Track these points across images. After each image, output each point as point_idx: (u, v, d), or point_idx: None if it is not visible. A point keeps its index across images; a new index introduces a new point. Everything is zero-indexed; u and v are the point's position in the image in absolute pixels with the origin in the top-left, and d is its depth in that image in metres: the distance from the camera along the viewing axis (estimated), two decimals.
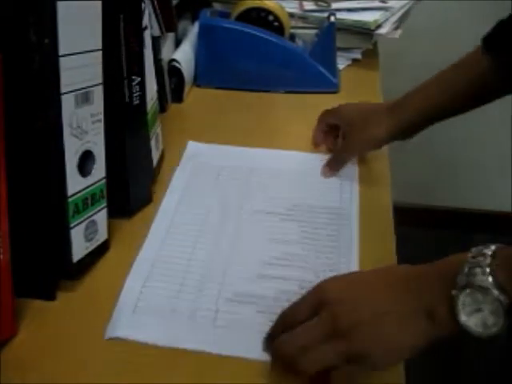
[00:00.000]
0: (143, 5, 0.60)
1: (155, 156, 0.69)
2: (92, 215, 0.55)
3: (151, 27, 0.76)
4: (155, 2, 0.77)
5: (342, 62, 1.01)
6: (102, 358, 0.48)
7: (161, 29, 0.81)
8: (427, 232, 1.69)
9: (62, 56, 0.48)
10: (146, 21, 0.62)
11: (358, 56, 1.02)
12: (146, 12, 0.63)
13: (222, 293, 0.54)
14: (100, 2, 0.50)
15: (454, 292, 0.40)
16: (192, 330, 0.50)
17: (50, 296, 0.53)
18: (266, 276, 0.56)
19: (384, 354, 0.43)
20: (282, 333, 0.45)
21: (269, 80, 0.93)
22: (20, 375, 0.47)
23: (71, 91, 0.49)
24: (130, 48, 0.57)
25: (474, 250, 0.41)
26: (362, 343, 0.42)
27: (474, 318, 0.40)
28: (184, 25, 0.99)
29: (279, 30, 0.96)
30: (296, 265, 0.57)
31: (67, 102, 0.49)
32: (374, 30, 0.97)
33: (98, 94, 0.53)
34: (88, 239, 0.55)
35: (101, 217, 0.57)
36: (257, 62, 0.92)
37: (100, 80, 0.53)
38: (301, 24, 1.03)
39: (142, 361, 0.48)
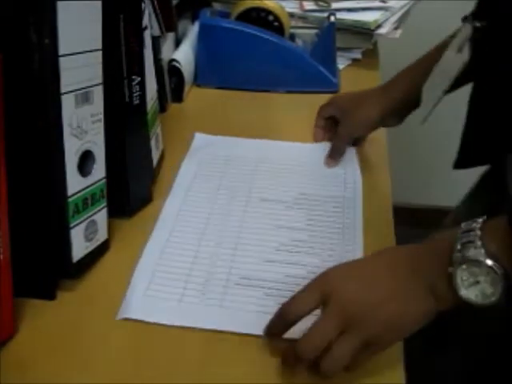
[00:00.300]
0: (143, 5, 0.60)
1: (155, 156, 0.69)
2: (92, 215, 0.55)
3: (151, 27, 0.76)
4: (155, 2, 0.77)
5: (342, 62, 1.01)
6: (101, 357, 0.48)
7: (161, 29, 0.81)
8: (427, 232, 1.69)
9: (62, 56, 0.48)
10: (146, 21, 0.62)
11: (358, 56, 1.02)
12: (146, 12, 0.63)
13: (230, 276, 0.56)
14: (100, 2, 0.51)
15: (450, 269, 0.42)
16: (201, 310, 0.52)
17: (49, 296, 0.53)
18: (273, 261, 0.58)
19: (391, 336, 0.45)
20: (281, 325, 0.47)
21: (269, 80, 0.93)
22: (20, 375, 0.47)
23: (71, 91, 0.49)
24: (130, 48, 0.57)
25: (463, 225, 0.43)
26: (373, 329, 0.44)
27: (474, 290, 0.42)
28: (184, 25, 0.99)
29: (279, 29, 0.96)
30: (303, 251, 0.59)
31: (67, 102, 0.49)
32: (374, 30, 0.97)
33: (98, 94, 0.53)
34: (88, 239, 0.55)
35: (101, 217, 0.57)
36: (257, 62, 0.92)
37: (100, 80, 0.53)
38: (301, 24, 1.03)
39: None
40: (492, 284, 0.41)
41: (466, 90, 0.65)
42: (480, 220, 0.43)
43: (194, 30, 0.95)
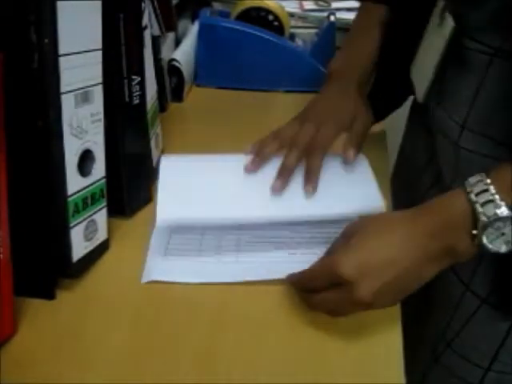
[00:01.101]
0: (143, 4, 0.60)
1: (155, 155, 0.69)
2: (92, 215, 0.55)
3: (151, 27, 0.76)
4: (155, 2, 0.78)
5: None
6: (101, 357, 0.48)
7: (161, 28, 0.81)
8: None
9: (62, 55, 0.48)
10: (145, 20, 0.62)
11: None
12: (146, 12, 0.63)
13: (242, 236, 0.59)
14: (100, 2, 0.51)
15: (475, 232, 0.45)
16: (217, 266, 0.56)
17: (49, 295, 0.53)
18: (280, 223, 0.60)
19: (392, 294, 0.48)
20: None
21: (269, 80, 0.93)
22: (20, 374, 0.47)
23: (71, 91, 0.49)
24: (130, 48, 0.57)
25: (469, 187, 0.46)
26: (384, 305, 0.48)
27: (500, 242, 0.45)
28: (184, 24, 0.99)
29: (279, 29, 0.96)
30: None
31: (67, 102, 0.49)
32: None
33: (98, 94, 0.53)
34: (88, 239, 0.55)
35: (101, 216, 0.57)
36: (257, 62, 0.92)
37: (100, 80, 0.53)
38: (301, 24, 1.03)
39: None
40: None
41: None
42: (485, 176, 0.45)
43: (193, 30, 0.95)
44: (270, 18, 0.96)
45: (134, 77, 0.59)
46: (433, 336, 0.66)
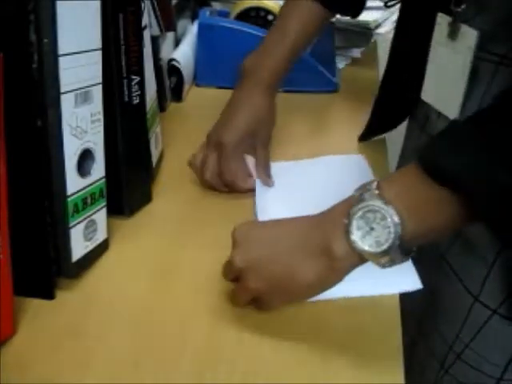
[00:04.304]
0: (143, 4, 0.60)
1: (155, 155, 0.69)
2: (91, 214, 0.55)
3: (151, 27, 0.76)
4: (155, 2, 0.78)
5: (341, 62, 1.01)
6: (101, 357, 0.48)
7: (160, 28, 0.81)
8: None
9: (62, 55, 0.48)
10: (145, 20, 0.62)
11: (358, 55, 1.02)
12: (146, 11, 0.63)
13: None
14: (99, 2, 0.51)
15: (345, 220, 0.43)
16: None
17: (49, 295, 0.53)
18: None
19: (277, 292, 0.47)
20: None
21: None
22: (19, 374, 0.47)
23: (71, 91, 0.49)
24: (130, 47, 0.57)
25: (356, 189, 0.44)
26: (255, 283, 0.47)
27: (368, 239, 0.41)
28: (183, 24, 0.99)
29: None
30: None
31: (67, 102, 0.49)
32: (373, 30, 0.97)
33: (98, 94, 0.53)
34: (87, 238, 0.55)
35: (100, 216, 0.57)
36: None
37: (99, 79, 0.53)
38: None
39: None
40: (384, 228, 0.41)
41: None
42: (374, 181, 0.43)
43: (193, 30, 0.95)
44: (270, 17, 0.96)
45: (133, 77, 0.59)
46: (441, 348, 0.66)
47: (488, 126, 0.40)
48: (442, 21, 0.58)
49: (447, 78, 0.59)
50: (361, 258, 0.43)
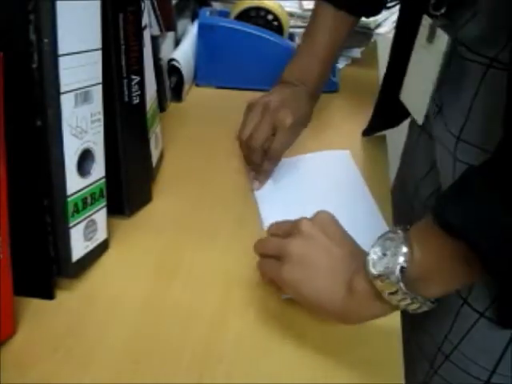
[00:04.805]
0: (143, 4, 0.60)
1: (155, 155, 0.69)
2: (91, 214, 0.55)
3: (151, 26, 0.76)
4: (155, 2, 0.77)
5: (341, 62, 1.01)
6: (101, 357, 0.48)
7: (160, 28, 0.81)
8: None
9: (62, 55, 0.48)
10: (145, 20, 0.62)
11: (358, 55, 1.02)
12: (146, 11, 0.63)
13: None
14: (99, 2, 0.50)
15: (367, 252, 0.44)
16: None
17: (48, 295, 0.53)
18: None
19: (308, 296, 0.47)
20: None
21: (268, 79, 0.93)
22: (20, 374, 0.47)
23: (71, 90, 0.49)
24: (130, 47, 0.57)
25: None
26: (291, 274, 0.48)
27: (380, 264, 0.43)
28: (183, 24, 0.99)
29: (278, 29, 0.96)
30: None
31: (67, 102, 0.49)
32: (373, 29, 0.97)
33: (98, 94, 0.53)
34: (87, 238, 0.55)
35: (100, 216, 0.57)
36: (256, 62, 0.92)
37: (99, 79, 0.53)
38: (300, 23, 1.03)
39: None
40: (394, 253, 0.42)
41: None
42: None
43: (193, 30, 0.95)
44: (270, 17, 0.96)
45: (133, 76, 0.59)
46: (430, 348, 0.66)
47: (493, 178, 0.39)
48: (426, 23, 0.58)
49: (420, 81, 0.60)
50: (376, 291, 0.43)
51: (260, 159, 0.69)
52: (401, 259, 0.41)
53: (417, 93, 0.61)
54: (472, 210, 0.38)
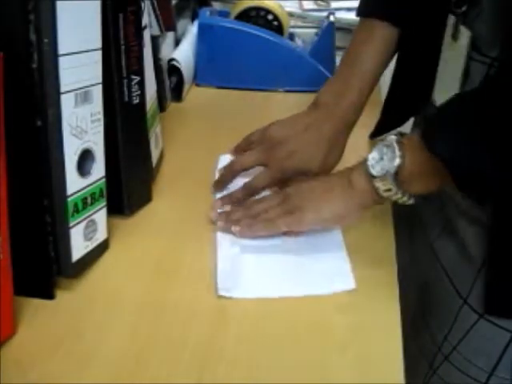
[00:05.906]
0: (143, 4, 0.60)
1: (155, 155, 0.69)
2: (91, 214, 0.55)
3: (151, 26, 0.76)
4: (155, 2, 0.78)
5: None
6: (101, 357, 0.48)
7: (160, 28, 0.81)
8: None
9: (62, 55, 0.48)
10: (145, 20, 0.62)
11: None
12: (146, 11, 0.63)
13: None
14: (99, 2, 0.50)
15: (365, 156, 0.54)
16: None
17: (48, 295, 0.53)
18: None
19: (313, 211, 0.57)
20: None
21: (268, 79, 0.94)
22: (20, 374, 0.47)
23: (71, 90, 0.49)
24: (130, 47, 0.57)
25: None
26: (300, 201, 0.58)
27: (378, 166, 0.52)
28: (183, 24, 0.99)
29: (278, 29, 0.96)
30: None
31: (67, 102, 0.49)
32: None
33: (98, 94, 0.53)
34: (87, 238, 0.55)
35: (100, 216, 0.57)
36: (256, 62, 0.93)
37: (99, 79, 0.53)
38: (300, 23, 1.03)
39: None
40: (390, 157, 0.51)
41: None
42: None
43: (193, 30, 0.95)
44: (270, 17, 0.96)
45: (133, 76, 0.59)
46: (429, 348, 0.66)
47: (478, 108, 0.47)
48: (449, 22, 0.58)
49: (448, 79, 0.60)
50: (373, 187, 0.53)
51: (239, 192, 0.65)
52: (396, 163, 0.51)
53: (447, 91, 0.61)
54: (454, 143, 0.47)
